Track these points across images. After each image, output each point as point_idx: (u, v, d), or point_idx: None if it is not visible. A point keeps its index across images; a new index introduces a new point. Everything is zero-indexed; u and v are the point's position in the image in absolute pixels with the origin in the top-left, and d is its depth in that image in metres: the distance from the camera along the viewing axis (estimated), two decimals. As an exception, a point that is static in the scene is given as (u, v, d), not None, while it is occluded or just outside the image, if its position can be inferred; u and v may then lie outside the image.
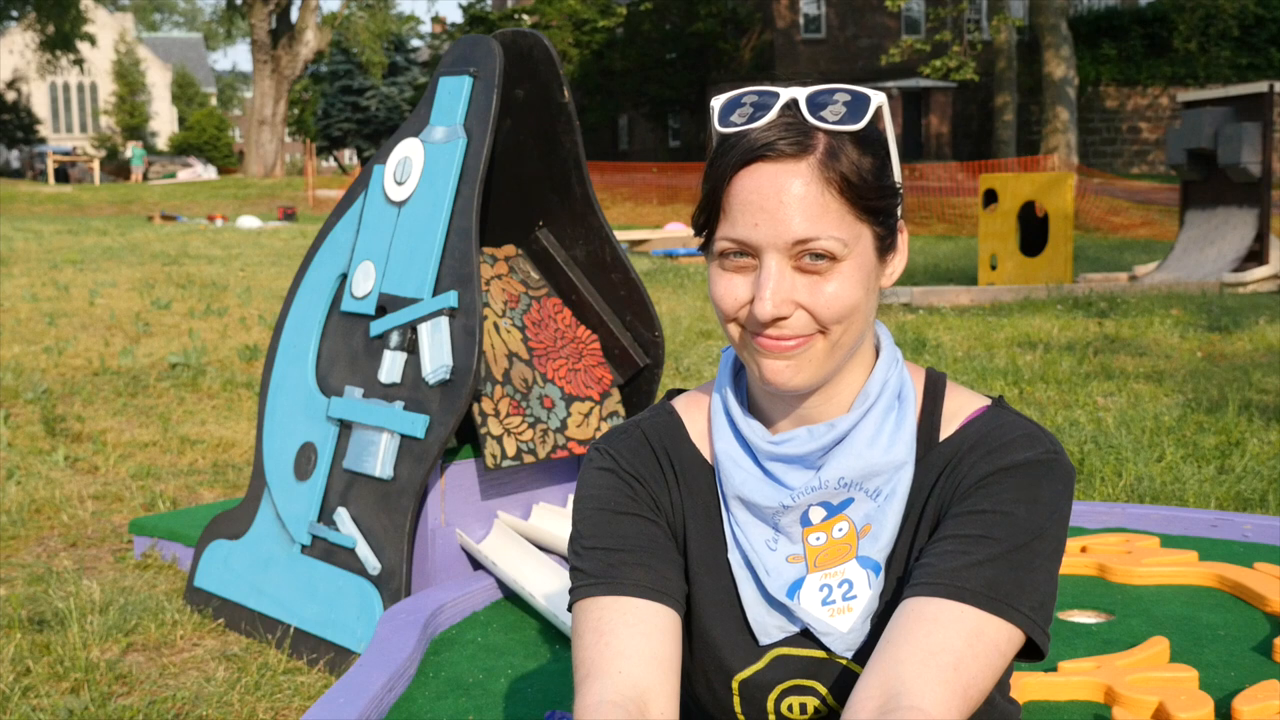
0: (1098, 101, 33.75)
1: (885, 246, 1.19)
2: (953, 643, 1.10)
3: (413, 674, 2.26)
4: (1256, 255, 11.20)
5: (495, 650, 2.42)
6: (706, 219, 1.18)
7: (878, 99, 1.15)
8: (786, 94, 1.15)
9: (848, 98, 1.15)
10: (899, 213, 1.20)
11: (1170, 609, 2.49)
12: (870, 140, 1.15)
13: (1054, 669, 2.11)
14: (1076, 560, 2.75)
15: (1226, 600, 2.54)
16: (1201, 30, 31.07)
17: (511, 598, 2.71)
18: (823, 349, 1.17)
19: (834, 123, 1.13)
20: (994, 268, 11.84)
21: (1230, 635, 2.34)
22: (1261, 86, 11.28)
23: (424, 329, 2.72)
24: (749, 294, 1.16)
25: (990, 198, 12.08)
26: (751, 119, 1.14)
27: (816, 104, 1.14)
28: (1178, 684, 2.03)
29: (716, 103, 1.18)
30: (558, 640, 2.48)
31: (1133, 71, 33.76)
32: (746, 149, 1.13)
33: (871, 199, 1.14)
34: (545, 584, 2.64)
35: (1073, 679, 2.07)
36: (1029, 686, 2.05)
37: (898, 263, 1.22)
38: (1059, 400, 5.68)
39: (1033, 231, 11.77)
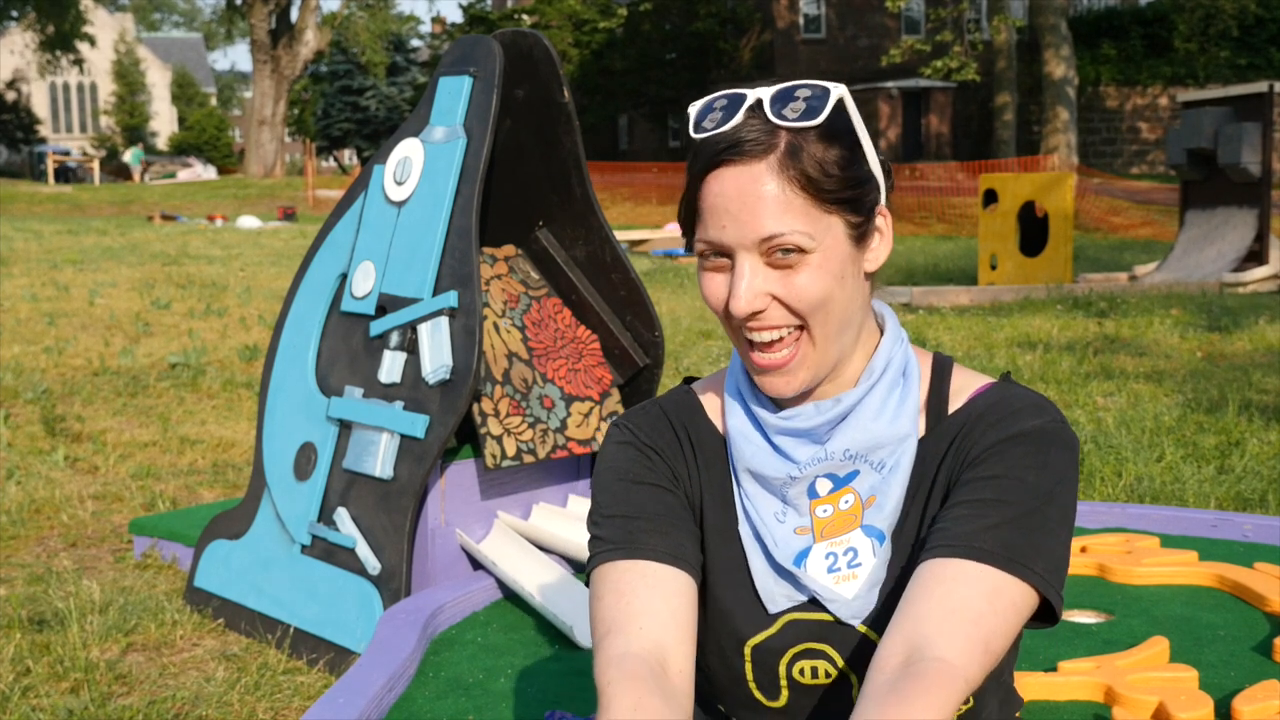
0: (1098, 101, 33.74)
1: (861, 234, 1.22)
2: (973, 600, 1.14)
3: (413, 674, 2.26)
4: (1256, 255, 11.19)
5: (495, 650, 2.42)
6: (687, 222, 1.23)
7: (838, 91, 1.19)
8: (753, 95, 1.19)
9: (808, 93, 1.18)
10: (880, 197, 1.24)
11: (1170, 609, 2.49)
12: (834, 133, 1.18)
13: (1054, 669, 2.11)
14: (1076, 560, 2.75)
15: (1226, 600, 2.54)
16: (1201, 30, 31.08)
17: (511, 598, 2.71)
18: (809, 350, 1.21)
19: (795, 120, 1.17)
20: (994, 268, 11.83)
21: (1230, 635, 2.34)
22: (1261, 86, 11.27)
23: (424, 329, 2.72)
24: (728, 291, 1.21)
25: (990, 198, 12.08)
26: (721, 123, 1.18)
27: (779, 103, 1.18)
28: (1178, 684, 2.03)
29: (693, 110, 1.22)
30: (558, 640, 2.48)
31: (1133, 71, 33.75)
32: (711, 153, 1.18)
33: (836, 191, 1.18)
34: (545, 584, 2.65)
35: (1073, 679, 2.07)
36: (1029, 687, 2.05)
37: (880, 247, 1.25)
38: (1059, 400, 5.67)
39: (1033, 231, 11.76)
